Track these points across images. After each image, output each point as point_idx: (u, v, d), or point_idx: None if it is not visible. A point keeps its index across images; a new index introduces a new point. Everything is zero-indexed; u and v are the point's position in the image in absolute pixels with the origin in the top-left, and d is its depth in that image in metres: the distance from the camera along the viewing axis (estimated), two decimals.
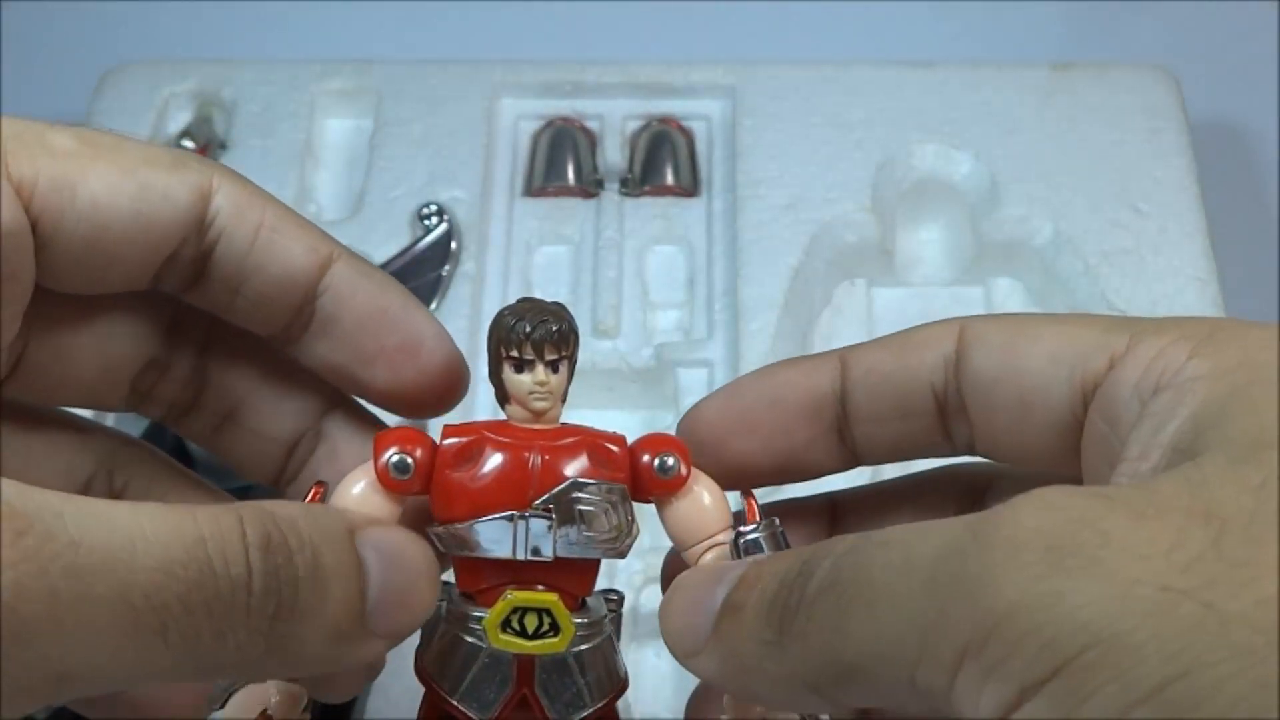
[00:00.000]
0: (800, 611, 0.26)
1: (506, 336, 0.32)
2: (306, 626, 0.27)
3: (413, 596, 0.29)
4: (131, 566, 0.24)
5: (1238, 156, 0.73)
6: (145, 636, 0.24)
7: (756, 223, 0.62)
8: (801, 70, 0.67)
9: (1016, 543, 0.22)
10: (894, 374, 0.33)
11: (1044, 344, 0.30)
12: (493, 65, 0.68)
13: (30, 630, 0.23)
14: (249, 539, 0.26)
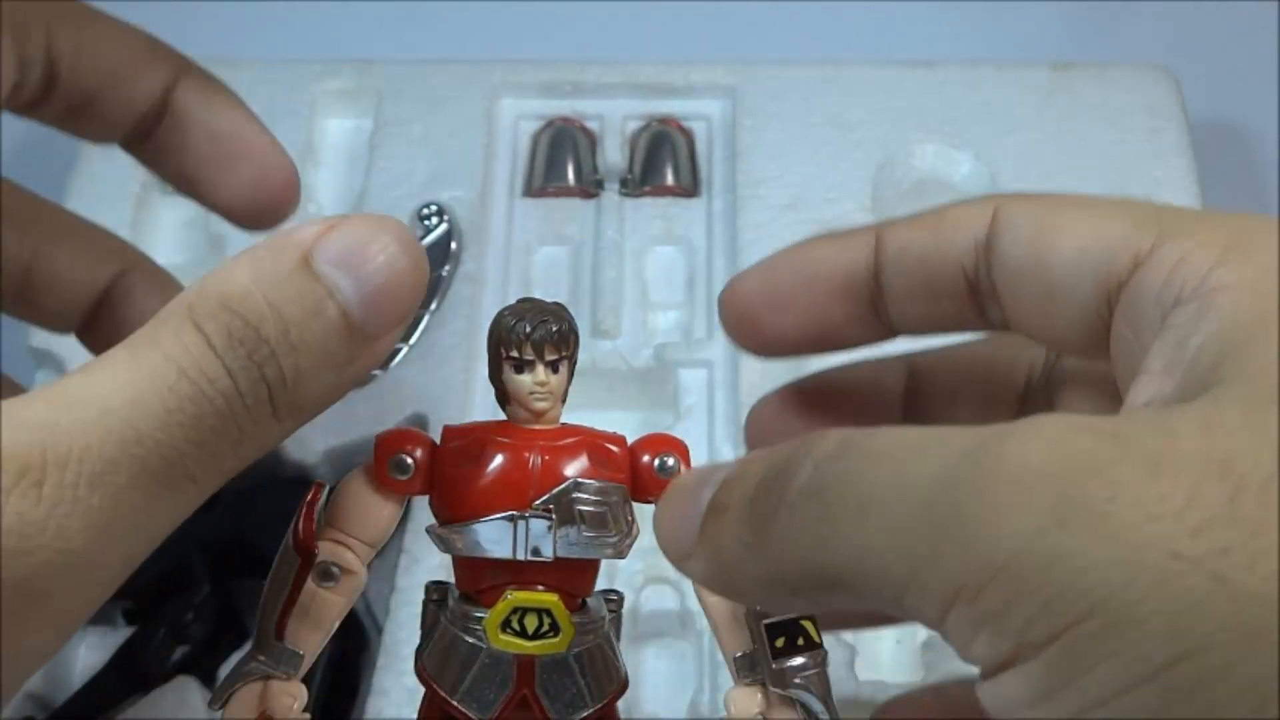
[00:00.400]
0: (779, 515, 0.25)
1: (506, 337, 0.32)
2: (305, 383, 0.26)
3: (395, 285, 0.27)
4: (140, 441, 0.24)
5: (1238, 156, 0.73)
6: (177, 487, 0.25)
7: (756, 223, 0.62)
8: (801, 70, 0.67)
9: (1020, 485, 0.21)
10: (927, 255, 0.31)
11: (1070, 237, 0.28)
12: (493, 65, 0.68)
13: (100, 549, 0.23)
14: (216, 345, 0.25)
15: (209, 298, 0.26)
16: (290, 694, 0.32)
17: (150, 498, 0.24)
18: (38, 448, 0.23)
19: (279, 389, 0.26)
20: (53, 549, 0.23)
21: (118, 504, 0.24)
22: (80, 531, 0.23)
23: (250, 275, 0.26)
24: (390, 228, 0.27)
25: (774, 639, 0.31)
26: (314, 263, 0.26)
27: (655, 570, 0.53)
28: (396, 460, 0.32)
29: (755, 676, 0.33)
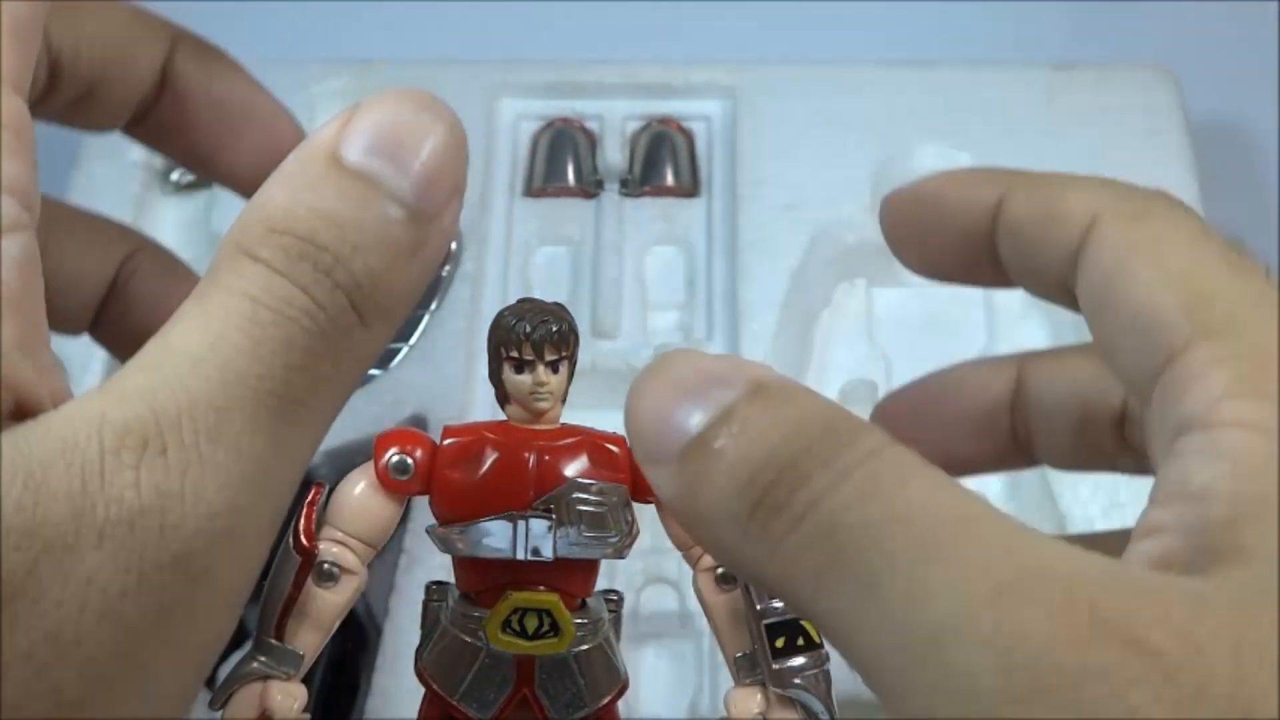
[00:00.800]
0: (780, 518, 0.23)
1: (506, 337, 0.32)
2: (382, 281, 0.25)
3: (436, 155, 0.26)
4: (241, 381, 0.23)
5: (1238, 156, 0.73)
6: (294, 417, 0.24)
7: (756, 223, 0.62)
8: (801, 70, 0.67)
9: (1042, 675, 0.19)
10: (1031, 247, 0.30)
11: (1134, 292, 0.26)
12: (493, 65, 0.68)
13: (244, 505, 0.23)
14: (279, 267, 0.24)
15: (253, 226, 0.25)
16: (290, 694, 0.32)
17: (272, 436, 0.23)
18: (149, 417, 0.22)
19: (357, 293, 0.25)
20: (198, 516, 0.22)
21: (242, 451, 0.23)
22: (219, 490, 0.23)
23: (285, 192, 0.25)
24: (408, 98, 0.26)
25: (774, 639, 0.31)
26: (344, 158, 0.25)
27: (655, 570, 0.53)
28: (397, 460, 0.32)
29: (755, 676, 0.33)
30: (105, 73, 0.34)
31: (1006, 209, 0.30)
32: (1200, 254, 0.26)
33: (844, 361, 0.61)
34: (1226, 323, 0.24)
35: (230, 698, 0.32)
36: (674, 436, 0.24)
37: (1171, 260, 0.26)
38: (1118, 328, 0.26)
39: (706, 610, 0.34)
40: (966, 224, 0.30)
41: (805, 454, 0.23)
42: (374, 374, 0.58)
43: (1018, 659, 0.20)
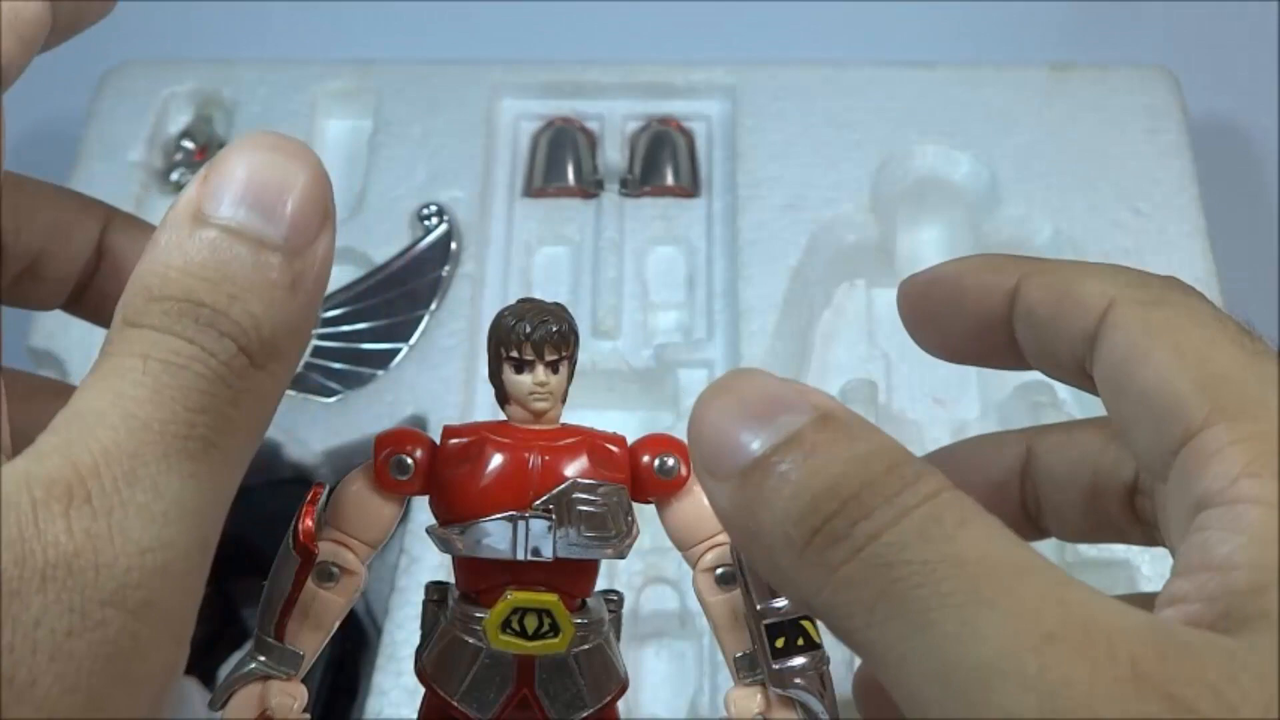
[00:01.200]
0: (839, 548, 0.23)
1: (506, 337, 0.32)
2: (266, 323, 0.26)
3: (289, 190, 0.27)
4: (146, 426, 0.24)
5: (1238, 156, 0.73)
6: (203, 457, 0.25)
7: (756, 223, 0.62)
8: (801, 70, 0.67)
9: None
10: (1047, 331, 0.30)
11: (1149, 375, 0.27)
12: (493, 65, 0.68)
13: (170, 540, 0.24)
14: (161, 326, 0.25)
15: (134, 300, 0.26)
16: (290, 694, 0.32)
17: (188, 474, 0.24)
18: (69, 469, 0.23)
19: (243, 337, 0.26)
20: (129, 554, 0.23)
21: (160, 491, 0.24)
22: (145, 528, 0.24)
23: (159, 261, 0.26)
24: (259, 143, 0.27)
25: (774, 639, 0.31)
26: (207, 216, 0.26)
27: (655, 570, 0.53)
28: (396, 460, 0.32)
29: (755, 676, 0.33)
30: (45, 249, 0.34)
31: (1023, 295, 0.31)
32: (1214, 337, 0.27)
33: (844, 361, 0.61)
34: (1242, 404, 0.25)
35: (230, 698, 0.32)
36: (737, 454, 0.25)
37: (1186, 343, 0.27)
38: (1134, 408, 0.27)
39: (706, 610, 0.34)
40: (984, 310, 0.31)
41: (869, 488, 0.24)
42: (374, 374, 0.58)
43: (1060, 704, 0.20)
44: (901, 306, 0.33)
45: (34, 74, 0.62)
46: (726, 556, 0.33)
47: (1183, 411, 0.26)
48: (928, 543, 0.23)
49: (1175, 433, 0.26)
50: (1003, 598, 0.22)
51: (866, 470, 0.24)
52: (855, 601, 0.23)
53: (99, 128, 0.65)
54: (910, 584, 0.22)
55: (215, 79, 0.67)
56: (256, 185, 0.26)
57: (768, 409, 0.26)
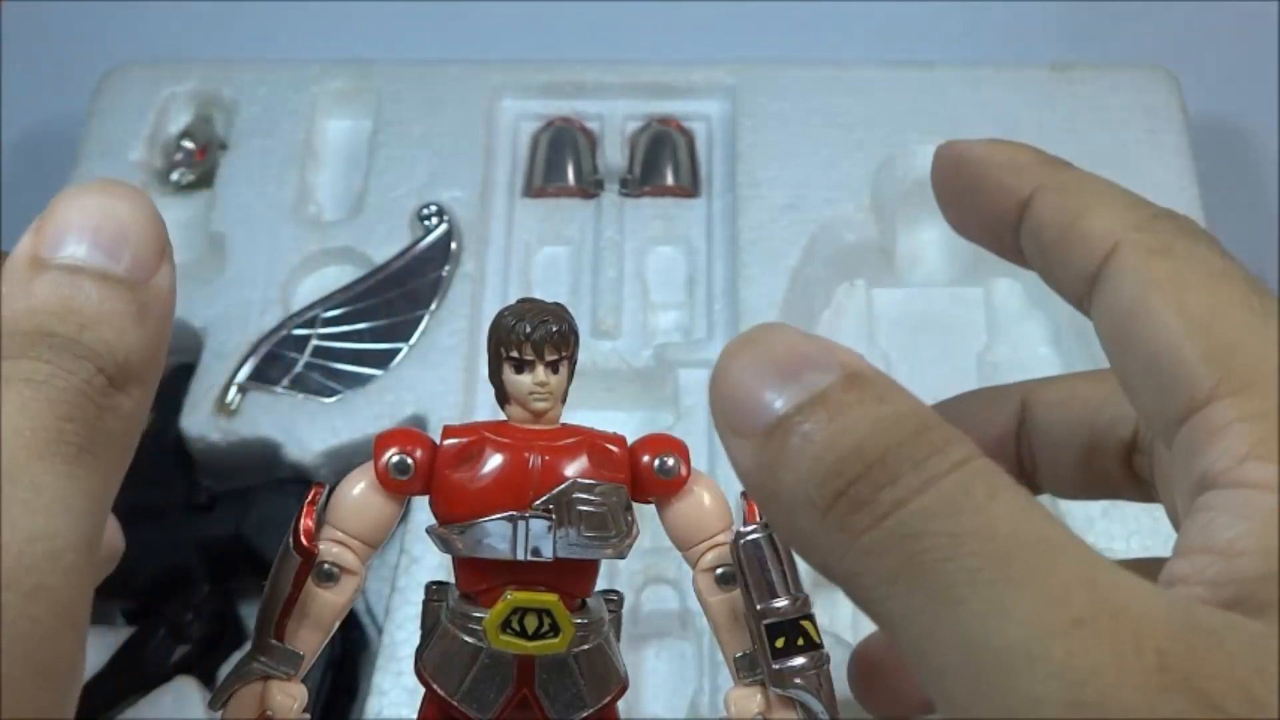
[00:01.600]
0: (862, 514, 0.23)
1: (506, 337, 0.32)
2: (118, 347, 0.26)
3: (120, 223, 0.27)
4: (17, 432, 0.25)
5: (1238, 156, 0.73)
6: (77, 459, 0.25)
7: (756, 223, 0.62)
8: (801, 70, 0.67)
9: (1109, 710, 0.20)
10: (1052, 254, 0.30)
11: (1153, 335, 0.26)
12: (493, 65, 0.68)
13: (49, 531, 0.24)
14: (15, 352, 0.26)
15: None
16: (290, 694, 0.32)
17: (65, 475, 0.25)
18: None
19: (98, 360, 0.26)
20: (17, 541, 0.24)
21: (41, 488, 0.24)
22: (30, 518, 0.24)
23: (4, 307, 0.27)
24: (84, 188, 0.27)
25: (774, 639, 0.31)
26: (44, 259, 0.27)
27: (655, 570, 0.53)
28: (397, 460, 0.32)
29: (755, 676, 0.33)
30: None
31: (1033, 210, 0.30)
32: (1222, 297, 0.26)
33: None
34: (1250, 377, 0.24)
35: (230, 698, 0.32)
36: (760, 412, 0.24)
37: (1193, 303, 0.26)
38: (1137, 367, 0.26)
39: (706, 610, 0.34)
40: (998, 209, 0.31)
41: (895, 452, 0.23)
42: (374, 374, 0.58)
43: (1085, 694, 0.20)
44: (933, 172, 0.32)
45: (34, 74, 0.63)
46: (726, 556, 0.33)
47: (1188, 380, 0.25)
48: (956, 514, 0.22)
49: (1179, 401, 0.25)
50: (1032, 578, 0.21)
51: (894, 433, 0.23)
52: (877, 571, 0.23)
53: (99, 128, 0.65)
54: (936, 556, 0.22)
55: (215, 79, 0.67)
56: (92, 225, 0.27)
57: (794, 366, 0.25)
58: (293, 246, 0.62)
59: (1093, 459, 0.32)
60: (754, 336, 0.25)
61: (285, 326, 0.59)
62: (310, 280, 0.62)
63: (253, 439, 0.56)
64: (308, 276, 0.62)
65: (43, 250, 0.27)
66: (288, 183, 0.64)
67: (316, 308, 0.60)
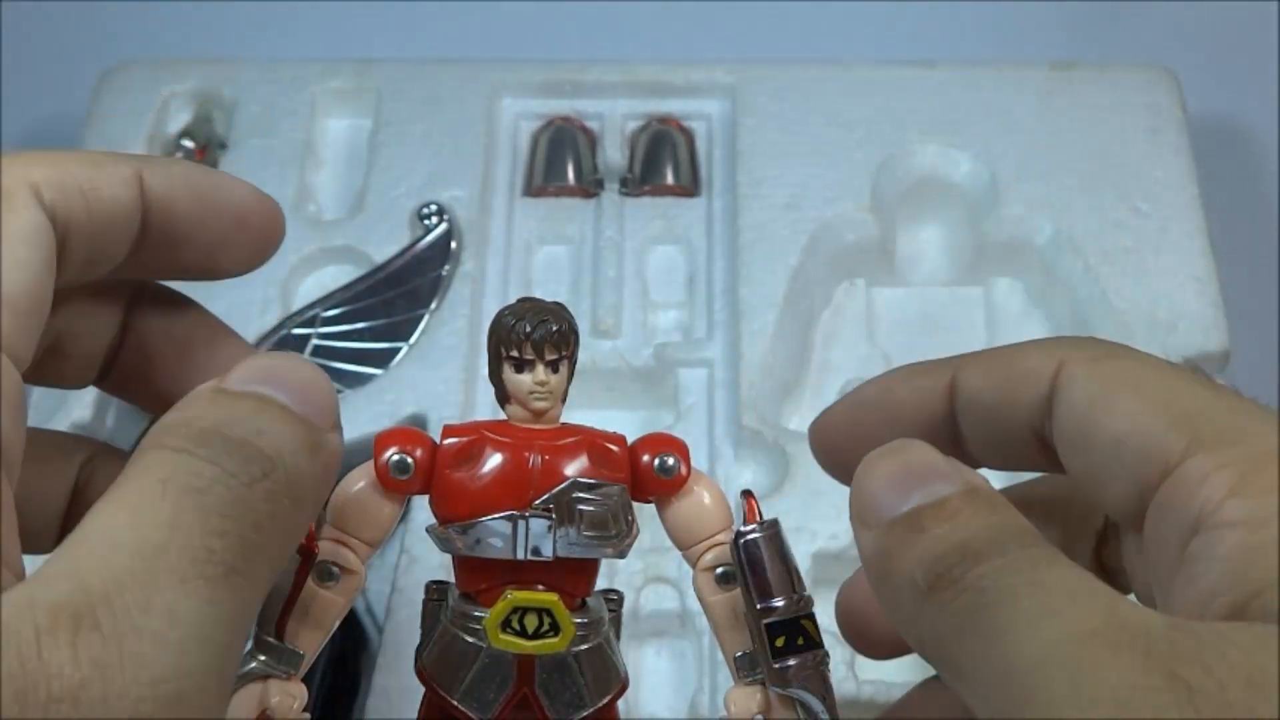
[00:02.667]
0: (952, 588, 0.26)
1: (506, 336, 0.32)
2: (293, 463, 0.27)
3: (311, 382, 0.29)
4: (163, 551, 0.24)
5: (1238, 156, 0.73)
6: (223, 581, 0.24)
7: (756, 223, 0.62)
8: (801, 70, 0.67)
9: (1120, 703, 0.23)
10: (997, 409, 0.32)
11: (1116, 422, 0.29)
12: (493, 65, 0.68)
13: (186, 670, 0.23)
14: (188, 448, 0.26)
15: (158, 430, 0.27)
16: (290, 694, 0.32)
17: (206, 600, 0.24)
18: (78, 595, 0.23)
19: (266, 464, 0.26)
20: (140, 684, 0.22)
21: (177, 617, 0.23)
22: (158, 655, 0.23)
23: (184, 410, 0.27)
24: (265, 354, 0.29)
25: (774, 639, 0.31)
26: (230, 390, 0.28)
27: (655, 570, 0.53)
28: (397, 460, 0.32)
29: (755, 676, 0.33)
30: (67, 328, 0.34)
31: (963, 385, 0.32)
32: (1174, 380, 0.29)
33: (844, 361, 0.61)
34: (1219, 432, 0.27)
35: (230, 697, 0.32)
36: (886, 508, 0.28)
37: (1148, 388, 0.29)
38: (1103, 457, 0.29)
39: (706, 610, 0.34)
40: (923, 415, 0.33)
41: (990, 546, 0.26)
42: (374, 374, 0.58)
43: (1084, 681, 0.23)
44: (823, 445, 0.35)
45: (34, 74, 0.63)
46: (726, 556, 0.33)
47: (1159, 449, 0.27)
48: (1016, 574, 0.25)
49: (1152, 473, 0.27)
50: (1066, 609, 0.24)
51: (996, 536, 0.27)
52: (952, 629, 0.26)
53: (99, 128, 0.65)
54: (995, 604, 0.25)
55: (215, 79, 0.67)
56: (279, 373, 0.28)
57: (924, 475, 0.28)
58: (292, 246, 0.62)
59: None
60: (897, 448, 0.29)
61: (285, 326, 0.59)
62: (310, 280, 0.62)
63: None
64: (308, 276, 0.62)
65: (229, 385, 0.28)
66: (287, 182, 0.64)
67: (316, 307, 0.60)
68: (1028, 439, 0.31)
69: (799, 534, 0.53)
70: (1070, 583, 0.25)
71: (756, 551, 0.32)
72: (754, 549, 0.32)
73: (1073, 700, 0.23)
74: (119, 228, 0.32)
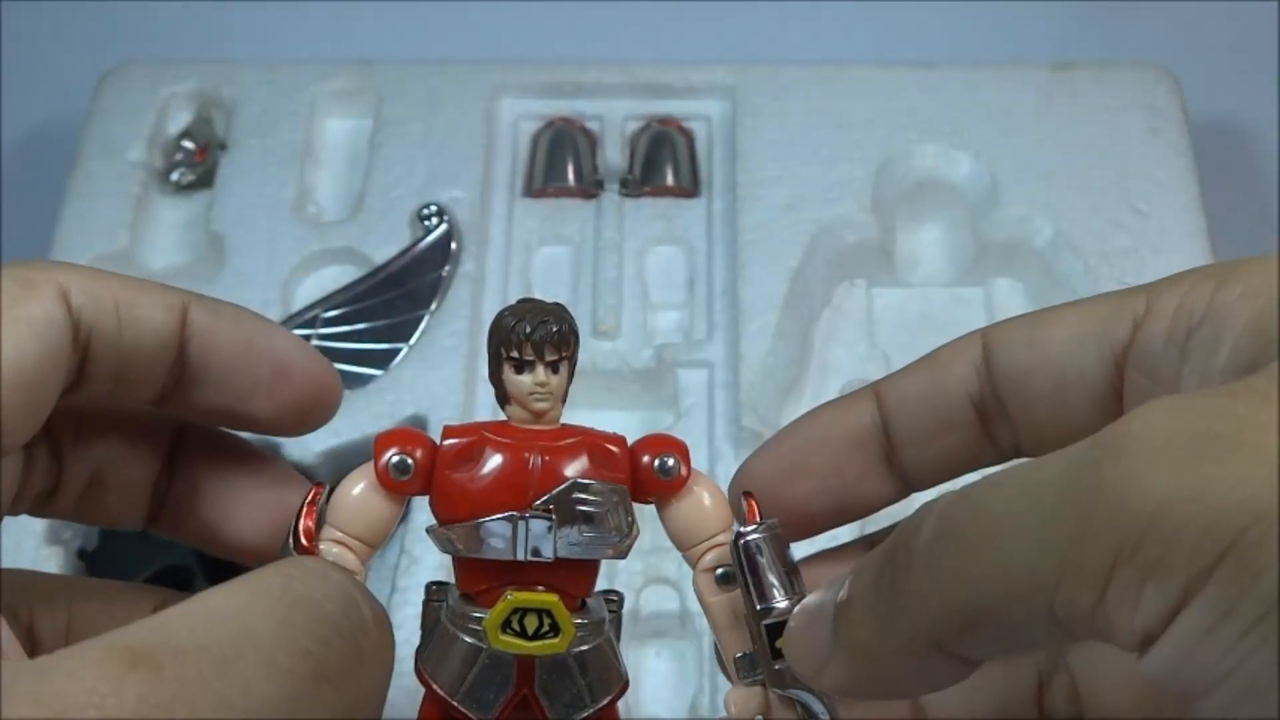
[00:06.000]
0: (913, 568, 0.25)
1: (507, 337, 0.32)
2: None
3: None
4: (257, 637, 0.25)
5: (1238, 156, 0.73)
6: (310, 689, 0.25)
7: (756, 223, 0.62)
8: (801, 70, 0.67)
9: (1154, 444, 0.22)
10: (928, 393, 0.33)
11: (1065, 327, 0.30)
12: (493, 65, 0.68)
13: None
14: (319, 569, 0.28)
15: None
16: None
17: (288, 691, 0.24)
18: (153, 640, 0.23)
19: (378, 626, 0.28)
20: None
21: (253, 691, 0.23)
22: (215, 711, 0.23)
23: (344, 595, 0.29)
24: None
25: (774, 639, 0.31)
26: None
27: (655, 570, 0.53)
28: (397, 461, 0.32)
29: (755, 676, 0.33)
30: (110, 457, 0.34)
31: (889, 392, 0.33)
32: (1093, 298, 0.31)
33: (844, 361, 0.61)
34: (1175, 277, 0.28)
35: None
36: (823, 632, 0.29)
37: (1077, 303, 0.30)
38: (1061, 368, 0.30)
39: (706, 610, 0.34)
40: (850, 440, 0.34)
41: (903, 531, 0.26)
42: (374, 375, 0.58)
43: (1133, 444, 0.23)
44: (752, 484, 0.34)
45: (34, 74, 0.63)
46: (726, 556, 0.33)
47: (1122, 314, 0.29)
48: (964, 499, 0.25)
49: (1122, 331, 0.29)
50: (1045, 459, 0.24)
51: (899, 529, 0.27)
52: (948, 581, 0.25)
53: (99, 128, 0.65)
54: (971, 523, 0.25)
55: (215, 79, 0.67)
56: None
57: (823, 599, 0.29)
58: (293, 246, 0.62)
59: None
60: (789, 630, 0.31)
61: (285, 326, 0.59)
62: (310, 280, 0.62)
63: (252, 438, 0.56)
64: (308, 276, 0.62)
65: None
66: (287, 183, 0.64)
67: (316, 308, 0.60)
68: (965, 415, 0.32)
69: None
70: (1021, 463, 0.25)
71: (757, 552, 0.32)
72: (754, 550, 0.32)
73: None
74: (152, 351, 0.32)
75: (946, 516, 0.25)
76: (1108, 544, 0.22)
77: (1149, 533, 0.22)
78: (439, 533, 0.32)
